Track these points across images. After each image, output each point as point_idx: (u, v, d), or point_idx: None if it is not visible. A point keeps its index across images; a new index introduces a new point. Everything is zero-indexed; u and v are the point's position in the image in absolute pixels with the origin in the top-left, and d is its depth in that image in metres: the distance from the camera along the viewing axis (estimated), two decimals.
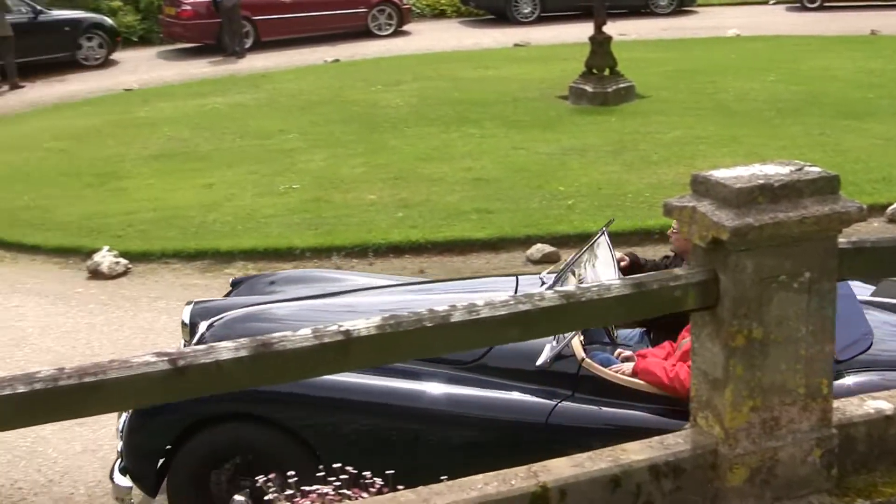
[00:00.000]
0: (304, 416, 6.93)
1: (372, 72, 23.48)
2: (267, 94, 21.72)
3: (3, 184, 16.46)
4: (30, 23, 25.96)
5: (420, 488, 3.99)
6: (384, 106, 19.92)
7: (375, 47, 27.45)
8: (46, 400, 3.31)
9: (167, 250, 13.18)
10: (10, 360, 10.62)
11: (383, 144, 17.16)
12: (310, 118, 19.28)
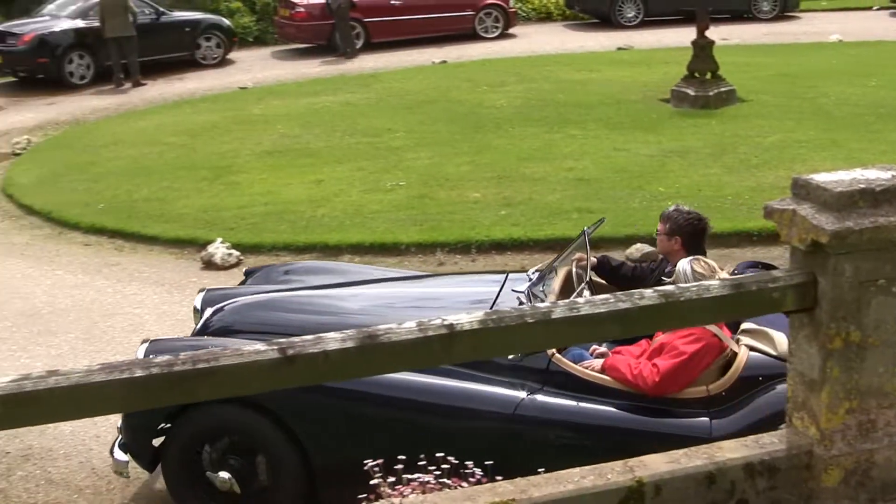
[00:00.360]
0: (285, 399, 6.82)
1: (478, 73, 23.46)
2: (376, 94, 21.78)
3: (125, 177, 16.68)
4: (152, 24, 26.30)
5: (518, 480, 3.97)
6: (489, 106, 19.89)
7: (481, 49, 27.43)
8: (162, 384, 3.34)
9: (277, 243, 13.26)
10: (128, 345, 10.74)
11: (487, 144, 17.13)
12: (417, 117, 19.30)
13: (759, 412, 6.52)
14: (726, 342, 6.86)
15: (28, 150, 19.48)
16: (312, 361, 3.44)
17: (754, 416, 6.51)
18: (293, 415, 6.96)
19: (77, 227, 14.63)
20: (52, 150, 19.32)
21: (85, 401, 3.34)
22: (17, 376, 3.32)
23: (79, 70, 25.62)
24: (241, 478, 7.14)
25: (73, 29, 25.67)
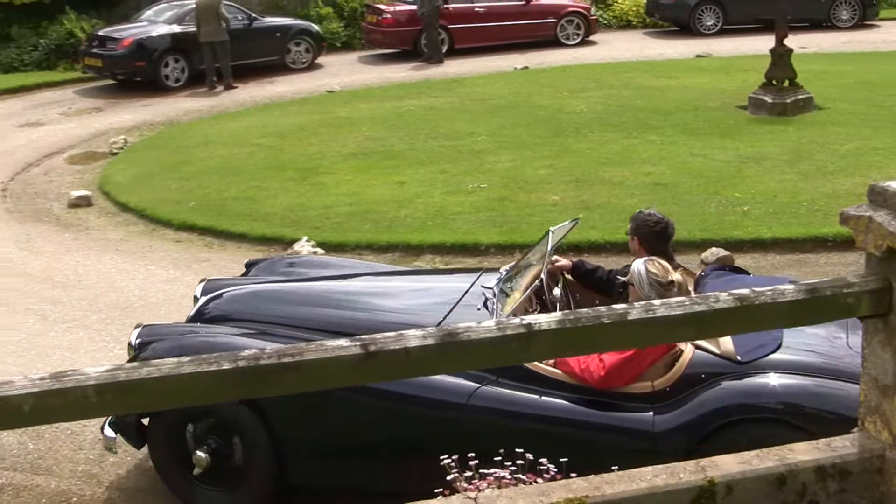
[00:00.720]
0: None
1: (558, 79, 23.41)
2: (459, 98, 21.80)
3: (215, 176, 16.83)
4: (245, 29, 26.51)
5: (591, 477, 3.94)
6: (569, 111, 19.84)
7: (563, 56, 27.37)
8: (248, 377, 3.36)
9: (361, 242, 13.30)
10: None
11: (567, 148, 17.08)
12: (498, 121, 19.29)
13: (701, 408, 6.65)
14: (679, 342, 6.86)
15: (124, 150, 19.70)
16: (393, 357, 3.45)
17: (695, 411, 6.64)
18: (267, 400, 7.01)
19: (169, 224, 14.78)
20: (146, 149, 19.53)
21: (175, 391, 3.38)
22: (111, 366, 3.35)
23: (174, 73, 25.90)
24: (219, 457, 7.44)
25: (170, 34, 25.97)
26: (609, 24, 32.10)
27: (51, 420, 3.38)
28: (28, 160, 19.73)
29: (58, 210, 16.31)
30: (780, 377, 6.68)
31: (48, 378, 3.30)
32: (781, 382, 6.67)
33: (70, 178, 18.30)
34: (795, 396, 6.62)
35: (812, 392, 6.63)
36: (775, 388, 6.66)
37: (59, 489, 8.31)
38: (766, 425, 6.51)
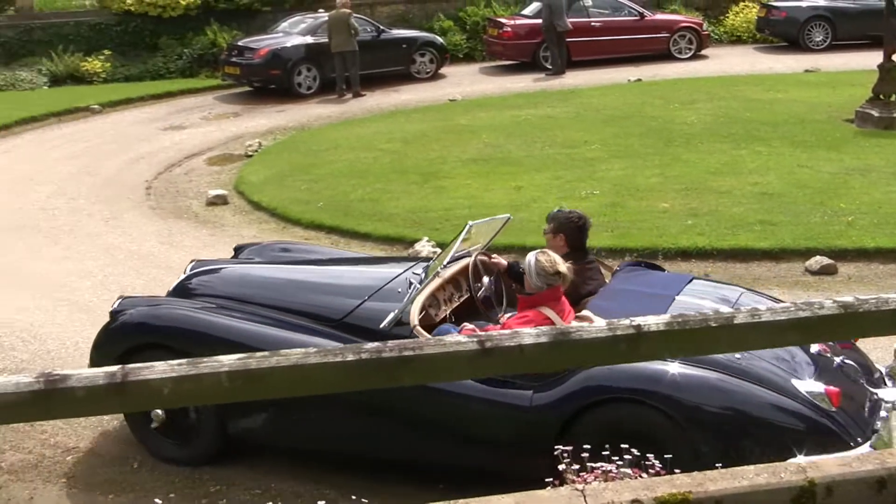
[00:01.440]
0: (192, 347, 7.79)
1: (670, 91, 23.21)
2: (574, 108, 21.72)
3: (343, 178, 16.97)
4: (373, 40, 26.69)
5: (695, 473, 3.90)
6: (680, 122, 19.66)
7: (675, 69, 27.12)
8: (370, 368, 3.38)
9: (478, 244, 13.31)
10: None
11: (677, 157, 16.93)
12: (611, 131, 19.19)
13: (572, 388, 7.09)
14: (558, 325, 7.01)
15: (259, 153, 19.95)
16: (508, 354, 3.44)
17: (567, 390, 7.08)
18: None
19: (298, 222, 14.93)
20: (279, 152, 19.75)
21: (301, 380, 3.41)
22: (243, 355, 3.39)
23: (306, 81, 26.16)
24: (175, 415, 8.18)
25: (303, 44, 26.24)
26: (720, 39, 31.72)
27: (187, 403, 3.44)
28: (171, 161, 20.07)
29: (196, 208, 16.58)
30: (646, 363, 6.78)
31: (186, 364, 3.35)
32: (646, 367, 6.90)
33: (208, 178, 18.58)
34: (656, 381, 6.94)
35: (671, 377, 6.94)
36: (641, 373, 6.94)
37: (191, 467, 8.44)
38: (630, 405, 6.99)
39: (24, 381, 3.35)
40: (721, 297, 8.15)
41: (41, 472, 8.54)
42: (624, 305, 7.66)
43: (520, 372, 3.85)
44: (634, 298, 8.05)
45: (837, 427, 6.81)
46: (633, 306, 7.34)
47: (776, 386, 7.01)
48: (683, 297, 8.01)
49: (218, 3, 30.35)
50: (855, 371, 7.59)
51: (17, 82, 28.84)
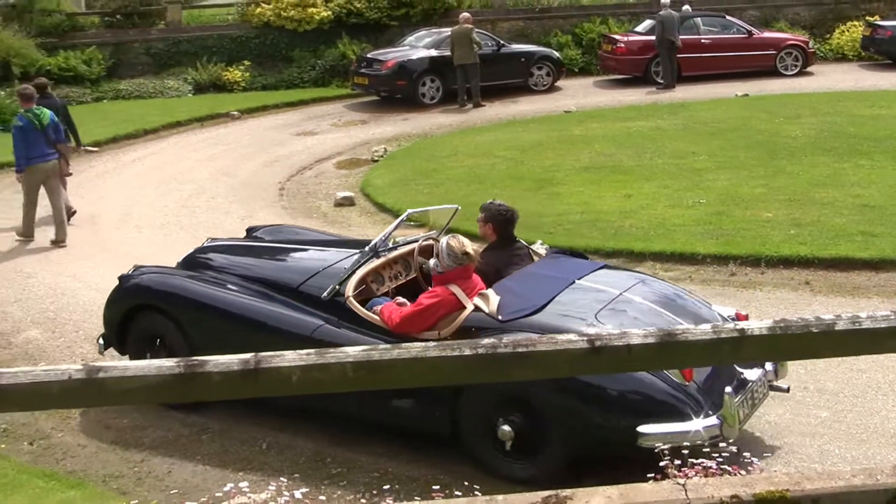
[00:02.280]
0: (177, 310, 9.22)
1: (776, 106, 22.84)
2: (683, 121, 21.51)
3: (462, 183, 17.01)
4: (494, 54, 26.72)
5: (793, 473, 3.86)
6: (784, 136, 19.35)
7: (780, 85, 26.69)
8: (485, 362, 3.39)
9: (589, 247, 13.23)
10: None
11: (781, 169, 16.68)
12: (718, 143, 18.96)
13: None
14: (463, 301, 7.99)
15: (384, 158, 20.10)
16: (616, 353, 3.43)
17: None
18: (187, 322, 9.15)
19: (420, 224, 15.01)
20: (403, 158, 19.87)
21: (421, 372, 3.43)
22: (366, 347, 3.43)
23: (430, 92, 26.28)
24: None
25: (428, 57, 26.35)
26: (825, 56, 31.12)
27: (313, 390, 3.48)
28: (302, 164, 20.33)
29: (325, 208, 16.76)
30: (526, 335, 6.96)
31: (314, 354, 3.40)
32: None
33: (336, 181, 18.77)
34: None
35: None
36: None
37: (315, 450, 8.54)
38: None
39: (167, 365, 3.43)
40: (615, 283, 8.65)
41: (179, 448, 8.71)
42: (523, 285, 8.45)
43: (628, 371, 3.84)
44: (535, 280, 8.64)
45: (686, 399, 7.37)
46: (532, 286, 8.38)
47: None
48: (581, 282, 8.52)
49: (349, 18, 30.63)
50: None
51: (165, 90, 29.46)
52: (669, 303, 8.44)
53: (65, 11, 31.87)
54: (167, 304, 9.32)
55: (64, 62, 29.56)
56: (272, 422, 8.99)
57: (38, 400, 3.54)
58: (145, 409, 9.22)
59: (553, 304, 8.02)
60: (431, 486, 7.64)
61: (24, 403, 3.65)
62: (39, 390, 3.44)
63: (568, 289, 8.31)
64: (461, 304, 8.00)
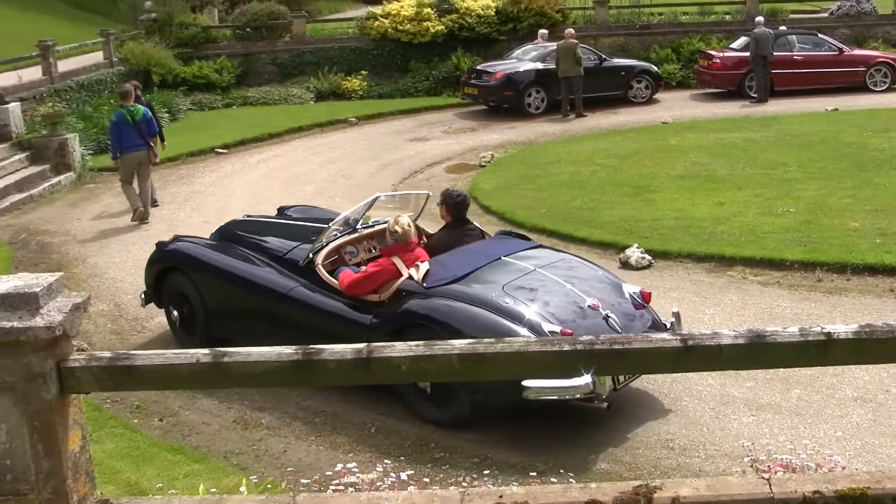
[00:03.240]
0: (191, 272, 10.57)
1: (865, 120, 22.35)
2: (774, 133, 21.15)
3: (564, 188, 16.95)
4: (596, 67, 26.57)
5: (874, 471, 3.78)
6: (872, 149, 18.92)
7: (870, 100, 26.08)
8: (583, 357, 3.39)
9: (682, 251, 13.14)
10: None
11: (869, 181, 16.32)
12: (808, 155, 18.61)
13: (391, 313, 8.86)
14: (402, 270, 9.06)
15: (491, 163, 20.10)
16: (707, 352, 3.40)
17: (388, 315, 8.85)
18: (201, 282, 10.43)
19: (523, 225, 14.97)
20: (508, 164, 19.85)
21: (523, 365, 3.44)
22: (471, 340, 3.44)
23: (535, 102, 26.23)
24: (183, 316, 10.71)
25: (534, 70, 26.30)
26: None
27: (422, 379, 3.50)
28: (414, 168, 20.43)
29: (435, 210, 16.80)
30: (440, 300, 8.66)
31: (423, 346, 3.43)
32: (438, 302, 8.63)
33: (446, 184, 18.79)
34: (440, 313, 8.53)
35: (445, 308, 8.53)
36: (435, 309, 8.58)
37: (420, 435, 8.58)
38: (422, 328, 8.46)
39: (286, 353, 3.49)
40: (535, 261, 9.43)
41: (294, 429, 8.83)
42: (454, 259, 9.39)
43: (718, 370, 3.80)
44: (467, 255, 9.52)
45: None
46: (460, 260, 9.32)
47: (529, 324, 8.25)
48: (507, 258, 9.40)
49: (461, 33, 30.71)
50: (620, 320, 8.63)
51: (289, 97, 29.82)
52: (578, 279, 9.15)
53: (201, 25, 32.49)
54: (187, 268, 10.61)
55: (198, 71, 30.16)
56: (380, 407, 9.07)
57: (168, 380, 3.63)
58: (264, 391, 9.35)
59: (472, 275, 9.01)
60: (528, 472, 7.64)
61: (156, 383, 3.74)
62: (170, 371, 3.53)
63: (491, 264, 9.26)
64: (399, 273, 9.08)
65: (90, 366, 3.52)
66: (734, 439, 8.17)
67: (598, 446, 8.22)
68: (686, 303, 11.44)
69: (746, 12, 31.04)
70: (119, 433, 8.64)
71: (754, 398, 8.93)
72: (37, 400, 3.48)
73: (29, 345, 3.42)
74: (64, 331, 3.44)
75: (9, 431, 3.52)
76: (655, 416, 8.69)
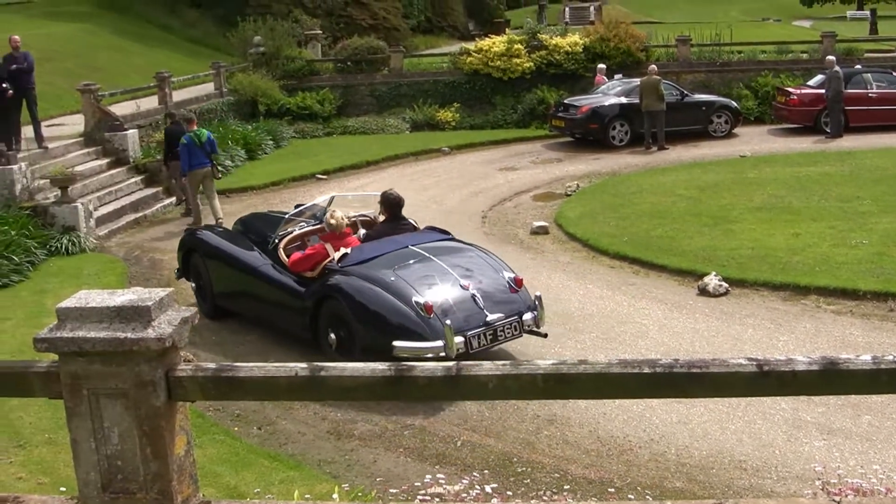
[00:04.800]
0: (202, 253, 12.67)
1: None
2: (849, 168, 20.75)
3: (645, 217, 16.80)
4: (677, 102, 26.35)
5: None
6: None
7: None
8: (662, 380, 3.34)
9: (758, 280, 12.93)
10: (634, 347, 10.82)
11: None
12: (882, 189, 18.21)
13: (316, 287, 10.62)
14: (330, 253, 10.74)
15: (576, 193, 20.02)
16: (783, 377, 3.34)
17: (314, 288, 10.62)
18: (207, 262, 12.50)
19: (605, 252, 14.91)
20: (593, 193, 19.76)
21: (604, 386, 3.41)
22: (555, 360, 3.42)
23: (619, 135, 26.08)
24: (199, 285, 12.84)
25: (618, 104, 26.18)
26: None
27: (505, 397, 3.48)
28: (503, 196, 20.44)
29: (522, 235, 16.80)
30: (345, 277, 10.35)
31: (509, 365, 3.41)
32: (342, 279, 10.34)
33: (533, 212, 18.80)
34: (342, 287, 10.24)
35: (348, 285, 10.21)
36: (341, 283, 10.30)
37: (503, 450, 8.55)
38: (335, 301, 10.26)
39: (379, 368, 3.49)
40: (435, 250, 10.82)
41: (384, 441, 8.85)
42: (371, 246, 10.90)
43: (792, 395, 3.73)
44: (382, 244, 10.95)
45: (426, 327, 9.60)
46: (375, 247, 10.83)
47: (403, 297, 9.85)
48: (413, 247, 10.80)
49: (549, 69, 30.71)
50: (484, 299, 10.04)
51: (386, 127, 30.07)
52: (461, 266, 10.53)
53: (305, 58, 32.89)
54: (200, 251, 12.69)
55: (301, 101, 30.54)
56: (467, 422, 9.05)
57: (268, 391, 3.66)
58: (356, 404, 9.39)
59: (376, 259, 10.51)
60: (607, 488, 7.58)
61: (257, 394, 3.77)
62: (270, 383, 3.55)
63: (398, 251, 10.70)
64: (328, 255, 10.74)
65: (196, 376, 3.57)
66: (805, 462, 8.01)
67: (673, 465, 8.12)
68: (761, 329, 11.26)
69: (823, 51, 30.57)
70: (220, 439, 8.75)
71: (826, 423, 8.75)
72: (147, 406, 3.53)
73: (141, 354, 3.47)
74: (173, 342, 3.49)
75: (121, 435, 3.58)
76: (729, 438, 8.56)
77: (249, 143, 25.71)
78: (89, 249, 16.55)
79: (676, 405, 9.08)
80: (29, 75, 19.14)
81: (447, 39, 50.01)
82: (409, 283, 9.99)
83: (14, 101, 18.76)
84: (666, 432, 8.67)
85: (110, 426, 3.58)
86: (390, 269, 10.25)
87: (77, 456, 3.63)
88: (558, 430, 8.87)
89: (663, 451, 8.37)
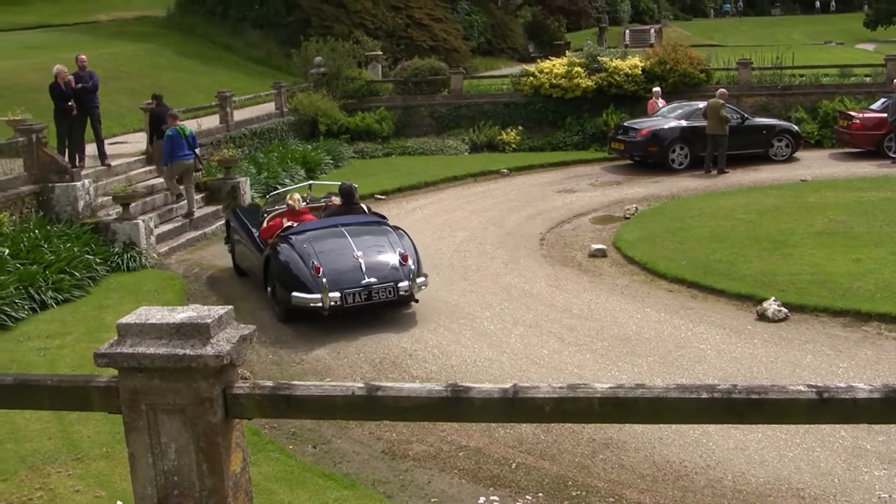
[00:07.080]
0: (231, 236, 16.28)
1: None
2: None
3: (705, 241, 16.65)
4: (738, 126, 26.11)
5: None
6: None
7: None
8: (720, 406, 3.30)
9: (818, 306, 12.75)
10: (691, 371, 10.72)
11: None
12: None
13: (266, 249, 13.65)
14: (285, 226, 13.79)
15: (635, 216, 19.90)
16: (842, 405, 3.27)
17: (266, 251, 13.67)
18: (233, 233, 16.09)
19: (664, 276, 14.80)
20: (652, 216, 19.63)
21: (661, 410, 3.36)
22: (612, 384, 3.39)
23: (679, 158, 25.92)
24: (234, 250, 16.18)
25: (678, 127, 26.04)
26: None
27: (561, 420, 3.45)
28: (561, 218, 20.37)
29: (580, 258, 16.72)
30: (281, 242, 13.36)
31: (566, 388, 3.38)
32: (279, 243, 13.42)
33: (591, 235, 18.72)
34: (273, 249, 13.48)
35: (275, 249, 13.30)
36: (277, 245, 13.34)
37: (558, 473, 8.50)
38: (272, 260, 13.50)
39: (436, 389, 3.48)
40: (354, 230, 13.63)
41: (438, 462, 8.83)
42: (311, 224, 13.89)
43: (852, 423, 3.67)
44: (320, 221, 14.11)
45: (314, 282, 12.56)
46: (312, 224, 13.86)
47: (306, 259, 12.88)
48: (340, 226, 13.69)
49: (609, 90, 30.62)
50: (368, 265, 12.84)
51: (445, 148, 30.14)
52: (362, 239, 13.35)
53: (365, 79, 33.11)
54: (231, 224, 16.19)
55: (360, 121, 30.72)
56: (522, 445, 9.01)
57: (324, 410, 3.66)
58: (412, 424, 9.39)
59: (307, 232, 13.48)
60: None
61: (313, 412, 3.78)
62: (326, 402, 3.55)
63: (327, 227, 13.71)
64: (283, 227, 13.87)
65: (253, 393, 3.58)
66: (865, 491, 7.87)
67: (730, 492, 8.01)
68: (821, 356, 11.10)
69: (886, 74, 30.19)
70: (275, 457, 8.78)
71: (886, 451, 8.59)
72: (204, 423, 3.55)
73: (199, 371, 3.50)
74: (231, 360, 3.51)
75: (178, 450, 3.60)
76: (787, 465, 8.44)
77: (309, 162, 25.90)
78: (149, 266, 16.76)
79: (733, 431, 8.97)
80: (93, 94, 19.56)
81: (507, 61, 50.06)
82: (314, 251, 12.98)
83: (78, 119, 19.13)
84: (722, 458, 8.57)
85: (167, 441, 3.61)
86: (307, 238, 13.30)
87: (134, 470, 3.66)
88: (614, 453, 8.80)
89: (720, 477, 8.27)
